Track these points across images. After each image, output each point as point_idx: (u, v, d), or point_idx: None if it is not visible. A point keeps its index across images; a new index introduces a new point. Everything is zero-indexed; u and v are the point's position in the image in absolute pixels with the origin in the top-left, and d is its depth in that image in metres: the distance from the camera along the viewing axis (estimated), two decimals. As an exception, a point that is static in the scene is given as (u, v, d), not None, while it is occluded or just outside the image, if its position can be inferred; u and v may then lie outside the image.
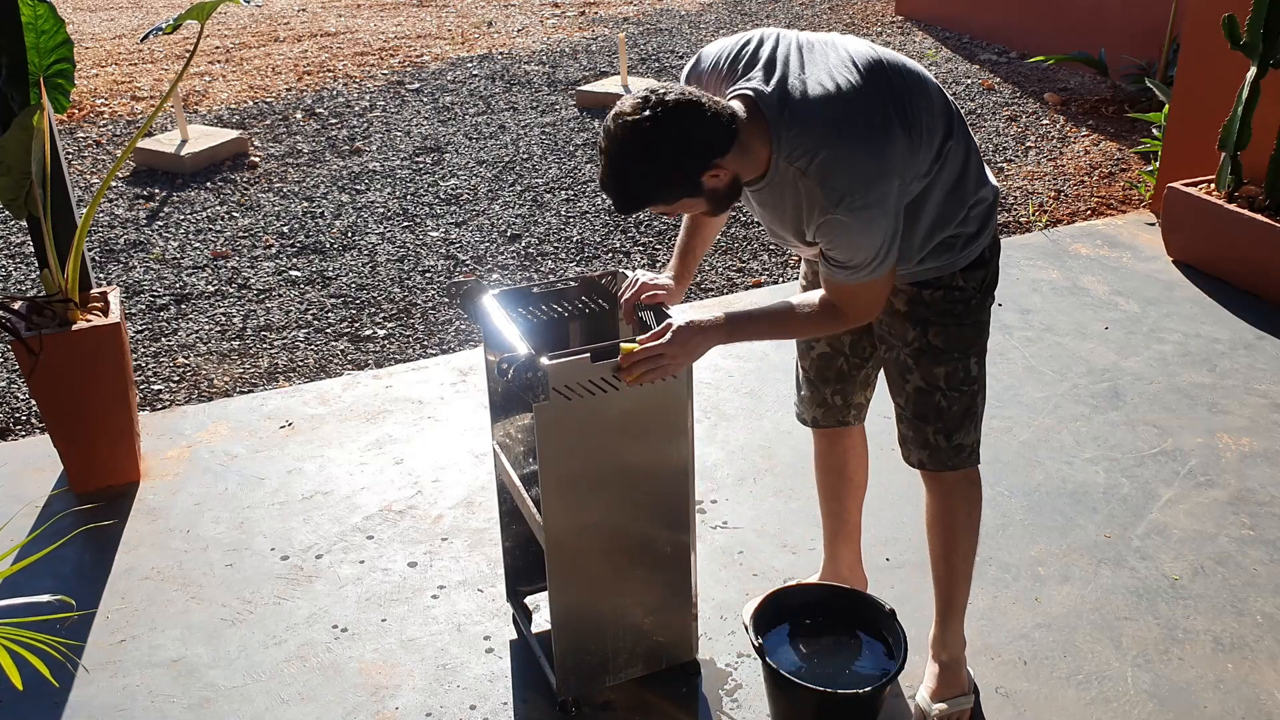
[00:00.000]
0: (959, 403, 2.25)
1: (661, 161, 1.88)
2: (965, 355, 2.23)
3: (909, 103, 2.01)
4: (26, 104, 3.09)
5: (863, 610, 2.42)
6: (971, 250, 2.17)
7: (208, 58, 8.26)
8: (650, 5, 9.78)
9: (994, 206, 2.19)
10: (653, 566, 2.41)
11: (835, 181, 1.93)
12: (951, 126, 2.09)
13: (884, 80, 2.01)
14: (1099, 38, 6.95)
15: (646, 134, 1.85)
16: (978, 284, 2.20)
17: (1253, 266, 4.32)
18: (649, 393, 2.23)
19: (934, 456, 2.30)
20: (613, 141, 1.89)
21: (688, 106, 1.86)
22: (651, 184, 1.92)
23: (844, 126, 1.94)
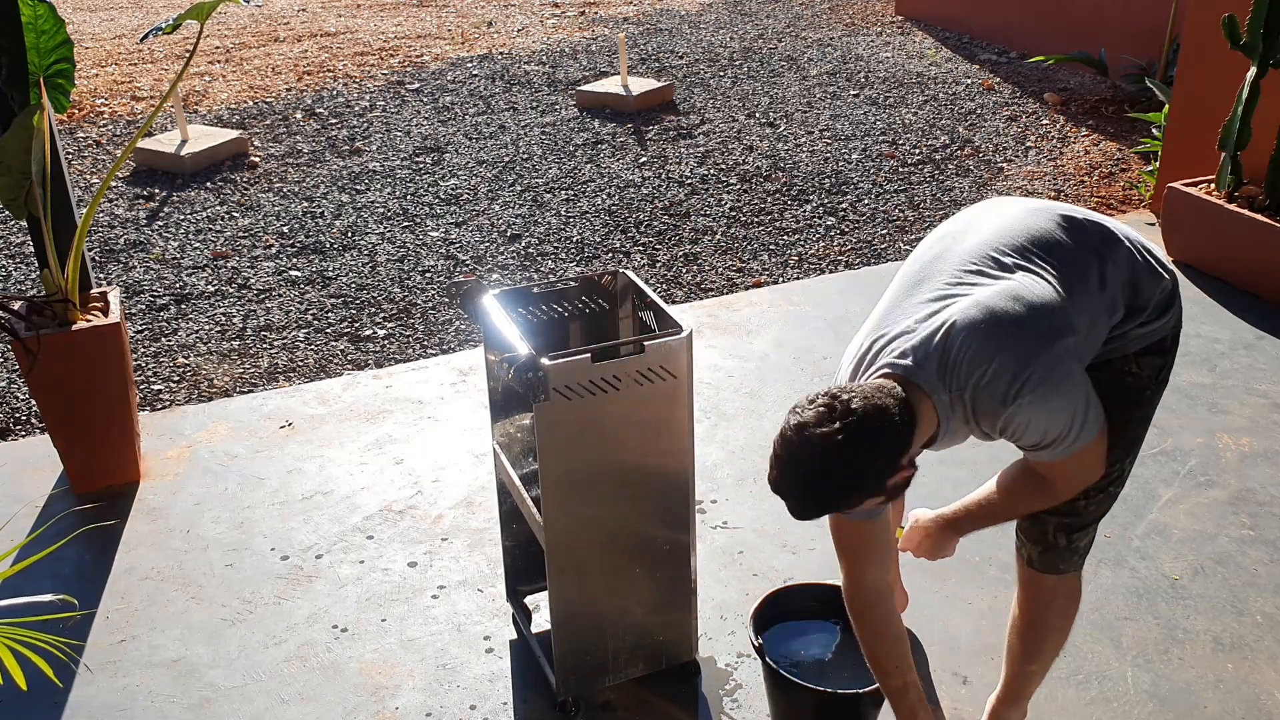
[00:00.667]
0: (1099, 505, 2.03)
1: (856, 476, 1.73)
2: (1124, 454, 1.99)
3: (1044, 264, 1.82)
4: (26, 104, 3.09)
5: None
6: (1148, 333, 1.94)
7: (208, 58, 8.26)
8: (650, 5, 9.78)
9: (1174, 296, 1.97)
10: (653, 566, 2.41)
11: (994, 383, 1.74)
12: (1103, 249, 1.89)
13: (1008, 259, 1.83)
14: (1099, 38, 6.95)
15: (838, 452, 1.70)
16: (1153, 373, 1.97)
17: (1253, 266, 4.32)
18: (649, 393, 2.23)
19: (1045, 556, 2.08)
20: (796, 458, 1.74)
21: (874, 415, 1.71)
22: (844, 496, 1.77)
23: (988, 333, 1.75)
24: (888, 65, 7.61)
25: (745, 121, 6.56)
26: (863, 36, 8.43)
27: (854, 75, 7.39)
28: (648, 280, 4.70)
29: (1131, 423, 1.99)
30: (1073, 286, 1.84)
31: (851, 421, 1.70)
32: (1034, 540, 2.10)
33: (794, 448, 1.74)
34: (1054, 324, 1.78)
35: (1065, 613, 2.18)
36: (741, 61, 7.81)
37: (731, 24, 8.96)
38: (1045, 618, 2.18)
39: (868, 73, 7.44)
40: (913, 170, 5.77)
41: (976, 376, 1.76)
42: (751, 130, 6.41)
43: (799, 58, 7.85)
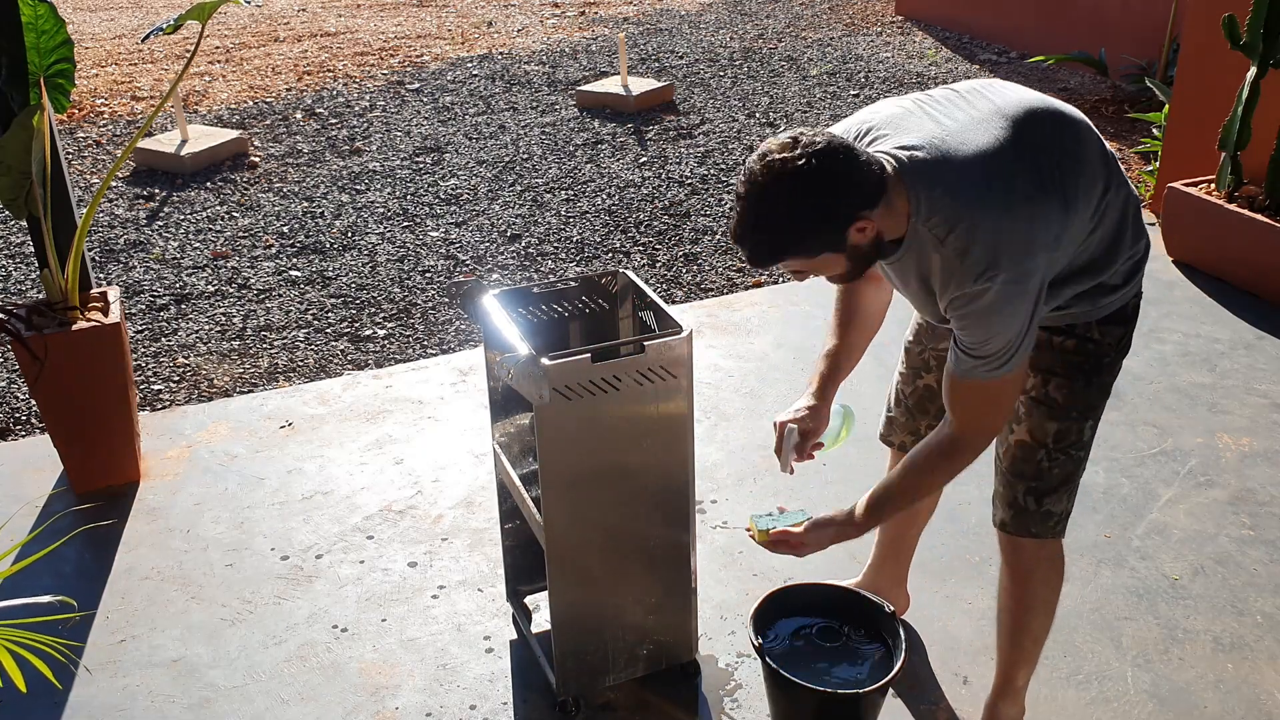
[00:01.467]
0: (1061, 466, 2.06)
1: (811, 207, 1.70)
2: (1083, 417, 2.04)
3: (1066, 163, 1.82)
4: (26, 104, 3.09)
5: (863, 610, 2.42)
6: (1112, 301, 1.97)
7: (208, 58, 8.26)
8: (650, 5, 9.78)
9: (1142, 262, 1.99)
10: (653, 566, 2.41)
11: (975, 253, 1.74)
12: (1110, 177, 1.89)
13: (1039, 137, 1.82)
14: (1099, 38, 6.95)
15: (796, 177, 1.67)
16: (1114, 341, 2.01)
17: (1253, 266, 4.32)
18: (649, 393, 2.23)
19: (1018, 519, 2.11)
20: (755, 185, 1.70)
21: (840, 150, 1.69)
22: (797, 233, 1.73)
23: (989, 192, 1.75)
24: (888, 65, 7.61)
25: (745, 121, 6.56)
26: (863, 36, 8.43)
27: (854, 75, 7.39)
28: (648, 280, 4.70)
29: (1091, 388, 2.03)
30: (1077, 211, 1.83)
31: (812, 153, 1.68)
32: (1006, 503, 2.14)
33: (752, 178, 1.71)
34: (1047, 238, 1.79)
35: (1048, 581, 2.21)
36: (741, 61, 7.81)
37: (731, 24, 8.96)
38: (1030, 587, 2.21)
39: (868, 73, 7.44)
40: (913, 170, 5.77)
41: (962, 233, 1.75)
42: (751, 130, 6.41)
43: (799, 58, 7.85)
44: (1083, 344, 2.00)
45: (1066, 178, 1.82)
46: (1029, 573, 2.19)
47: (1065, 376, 2.01)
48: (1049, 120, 1.87)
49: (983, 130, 1.81)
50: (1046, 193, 1.79)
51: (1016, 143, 1.80)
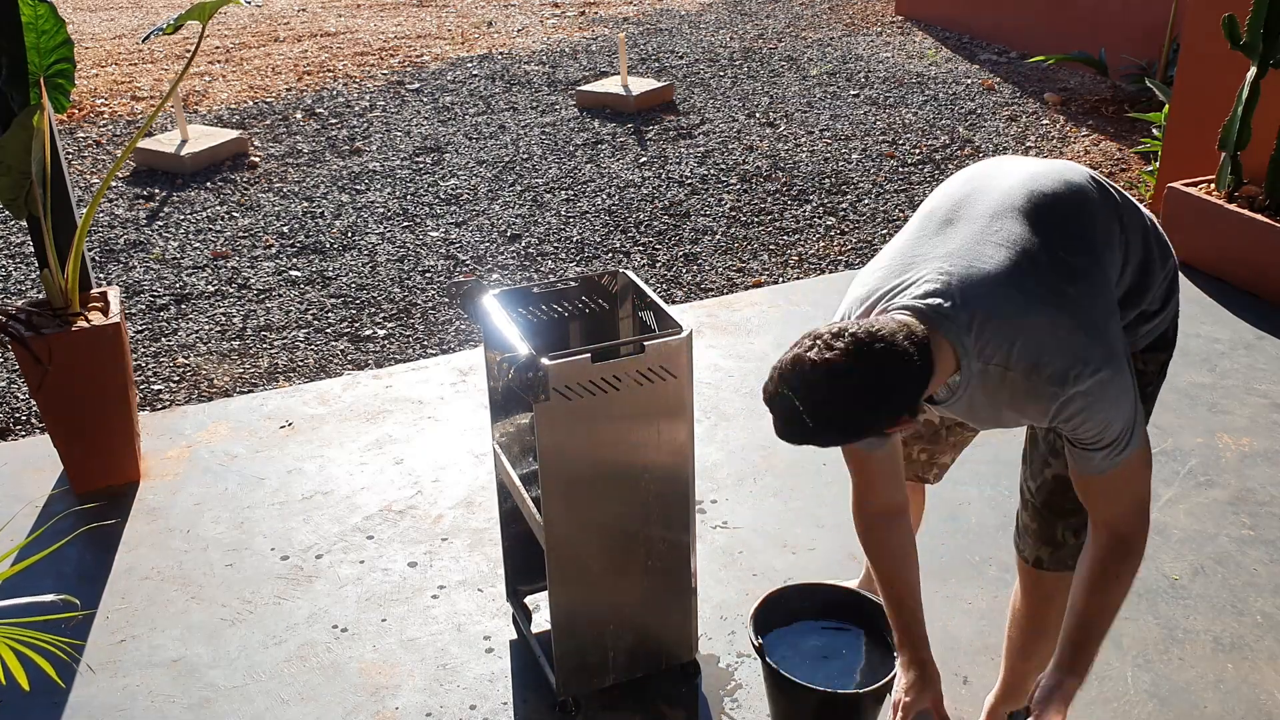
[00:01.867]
0: None
1: (858, 422, 1.63)
2: None
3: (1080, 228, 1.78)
4: (26, 104, 3.09)
5: (863, 610, 2.42)
6: (1153, 328, 1.94)
7: (208, 58, 8.26)
8: (650, 5, 9.78)
9: (1175, 282, 1.96)
10: (652, 566, 2.41)
11: (1047, 362, 1.66)
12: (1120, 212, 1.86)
13: (1044, 218, 1.76)
14: (1099, 38, 6.95)
15: (848, 394, 1.60)
16: (1158, 367, 1.98)
17: (1253, 266, 4.32)
18: (649, 393, 2.23)
19: (1056, 555, 2.07)
20: (806, 386, 1.62)
21: (894, 361, 1.59)
22: (837, 438, 1.68)
23: (1027, 299, 1.68)
24: (888, 65, 7.61)
25: (745, 121, 6.56)
26: (863, 36, 8.43)
27: (854, 75, 7.39)
28: (648, 280, 4.70)
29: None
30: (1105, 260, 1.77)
31: (871, 367, 1.59)
32: (1044, 541, 2.08)
33: (804, 377, 1.62)
34: (1108, 307, 1.72)
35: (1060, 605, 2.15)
36: (741, 61, 7.81)
37: (731, 24, 8.96)
38: (1048, 615, 2.18)
39: (868, 73, 7.44)
40: (913, 170, 5.77)
41: (1022, 353, 1.67)
42: (751, 130, 6.41)
43: (799, 58, 7.85)
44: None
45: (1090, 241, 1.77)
46: (1048, 601, 2.15)
47: None
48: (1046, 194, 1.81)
49: (989, 240, 1.74)
50: (1077, 271, 1.73)
51: (1029, 236, 1.74)
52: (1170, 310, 1.96)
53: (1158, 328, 1.95)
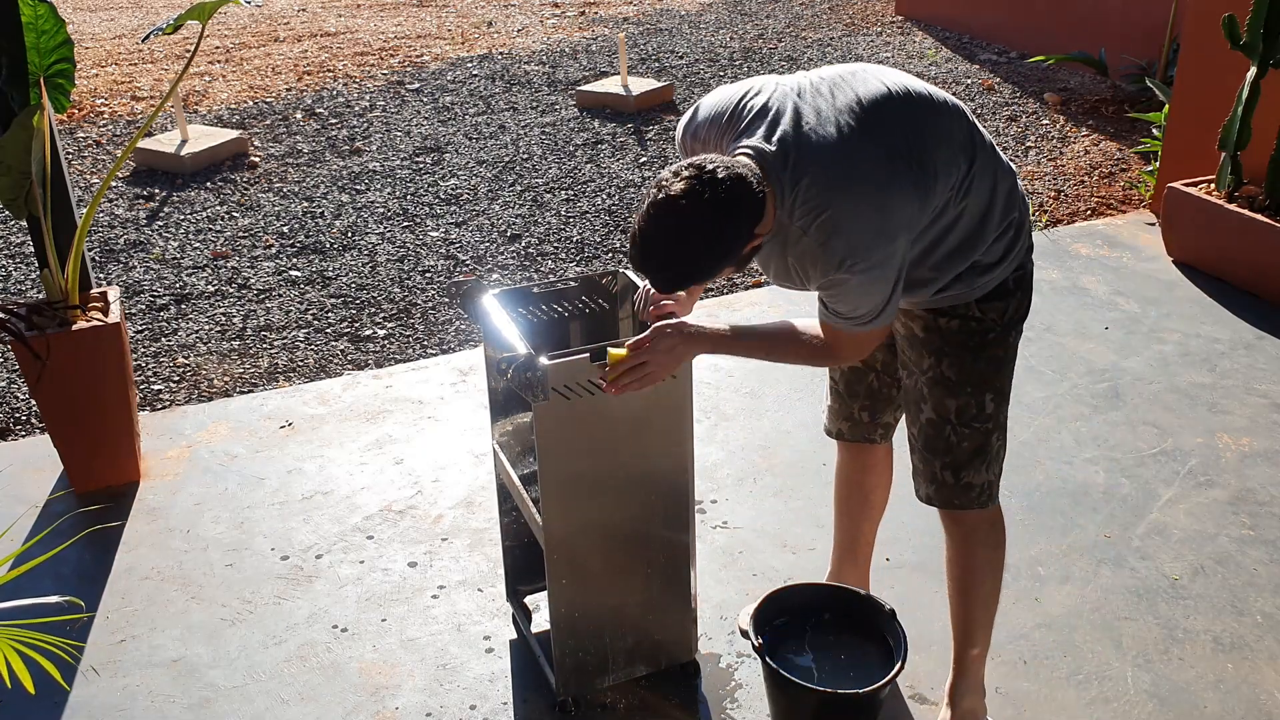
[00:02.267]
0: (969, 439, 2.16)
1: (719, 244, 1.82)
2: (980, 391, 2.13)
3: (923, 144, 1.93)
4: (26, 104, 3.09)
5: (863, 610, 2.42)
6: (988, 280, 2.07)
7: (208, 58, 8.26)
8: (650, 5, 9.78)
9: (1018, 238, 2.08)
10: (652, 566, 2.41)
11: (836, 244, 1.87)
12: (974, 155, 2.00)
13: (895, 122, 1.93)
14: (1099, 38, 6.95)
15: (700, 216, 1.78)
16: (998, 315, 2.10)
17: (1253, 266, 4.32)
18: (649, 393, 2.23)
19: (940, 493, 2.22)
20: (660, 224, 1.80)
21: (737, 182, 1.79)
22: (707, 266, 1.85)
23: (847, 183, 1.87)
24: (888, 65, 7.60)
25: (745, 121, 6.56)
26: (863, 36, 8.43)
27: (854, 75, 7.38)
28: (648, 280, 4.69)
29: (979, 363, 2.11)
30: (934, 191, 1.93)
31: (713, 192, 1.78)
32: (926, 479, 2.24)
33: (655, 217, 1.81)
34: (903, 220, 1.90)
35: (989, 542, 2.29)
36: (741, 61, 7.81)
37: (731, 24, 8.95)
38: (972, 549, 2.28)
39: (868, 73, 7.43)
40: (913, 170, 5.77)
41: (825, 224, 1.87)
42: (751, 130, 6.40)
43: (799, 58, 7.85)
44: (965, 323, 2.09)
45: (924, 157, 1.91)
46: (970, 537, 2.27)
47: (954, 355, 2.11)
48: (907, 102, 1.97)
49: (842, 120, 1.90)
50: (901, 177, 1.89)
51: (873, 129, 1.91)
52: (1007, 264, 2.07)
53: (993, 280, 2.07)
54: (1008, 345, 2.14)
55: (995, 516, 2.28)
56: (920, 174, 1.91)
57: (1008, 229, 2.06)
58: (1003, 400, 2.17)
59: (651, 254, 1.84)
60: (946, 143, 1.97)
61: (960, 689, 2.37)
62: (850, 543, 2.65)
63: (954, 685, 2.39)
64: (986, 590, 2.31)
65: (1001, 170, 2.06)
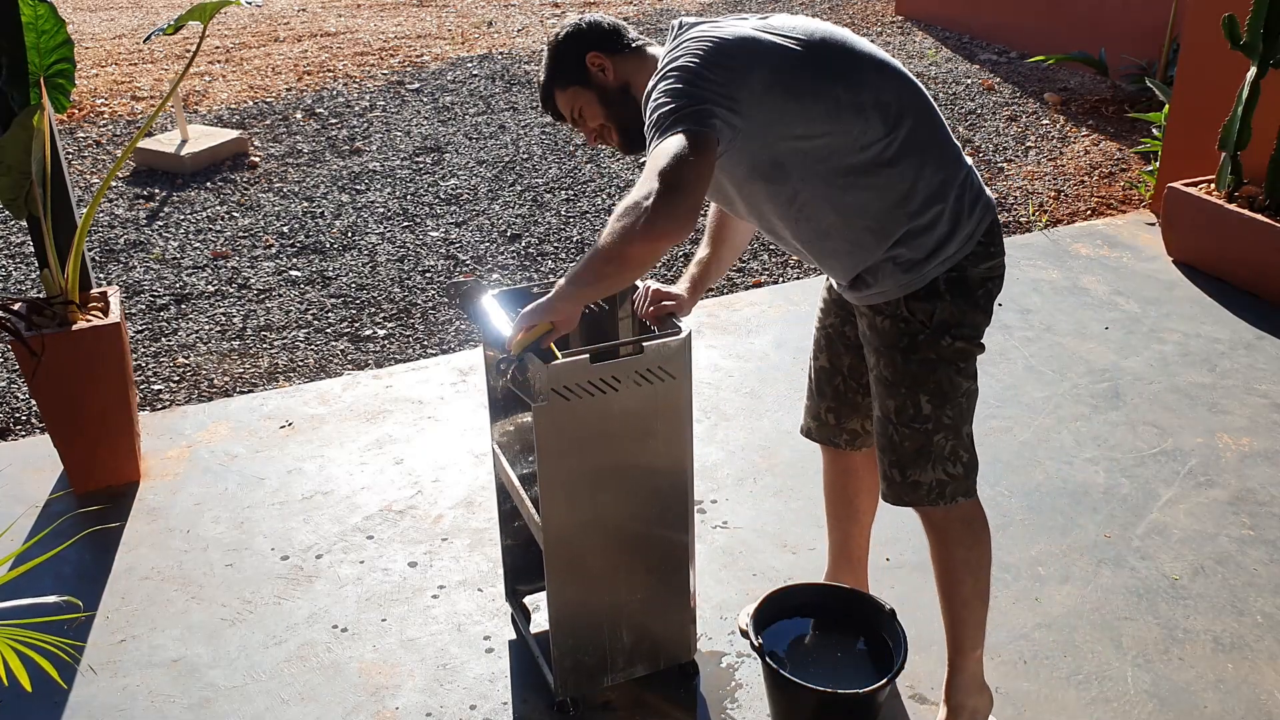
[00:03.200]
0: (910, 439, 2.15)
1: (555, 54, 2.17)
2: (913, 391, 2.11)
3: (845, 66, 1.98)
4: (26, 104, 3.09)
5: (863, 610, 2.42)
6: (915, 277, 2.04)
7: (208, 58, 8.26)
8: (650, 5, 9.78)
9: (951, 236, 2.04)
10: (652, 566, 2.41)
11: (687, 30, 2.01)
12: (898, 124, 1.97)
13: (821, 50, 1.98)
14: (1099, 38, 6.95)
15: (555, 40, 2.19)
16: (925, 317, 2.06)
17: (1253, 266, 4.32)
18: (648, 394, 2.23)
19: (891, 489, 2.23)
20: None
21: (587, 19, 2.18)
22: (549, 73, 2.18)
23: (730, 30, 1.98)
24: (888, 65, 7.60)
25: (745, 121, 6.56)
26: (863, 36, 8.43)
27: (854, 75, 7.38)
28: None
29: (910, 364, 2.11)
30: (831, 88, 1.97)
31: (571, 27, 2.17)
32: (882, 477, 2.25)
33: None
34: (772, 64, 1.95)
35: (963, 541, 2.26)
36: (741, 61, 7.81)
37: (731, 24, 8.95)
38: (947, 549, 2.27)
39: (868, 73, 7.43)
40: (913, 170, 5.77)
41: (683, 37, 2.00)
42: (751, 130, 6.40)
43: (799, 58, 7.84)
44: (895, 323, 2.10)
45: (837, 69, 1.97)
46: (943, 535, 2.27)
47: (888, 355, 2.13)
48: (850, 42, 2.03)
49: (762, 27, 2.00)
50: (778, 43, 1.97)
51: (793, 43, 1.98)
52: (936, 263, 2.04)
53: (923, 278, 2.05)
54: (940, 349, 2.08)
55: (969, 514, 2.25)
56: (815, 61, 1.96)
57: (935, 223, 2.02)
58: (944, 402, 2.12)
59: None
60: (870, 89, 1.98)
61: (955, 687, 2.37)
62: (842, 546, 2.65)
63: (949, 684, 2.39)
64: (968, 590, 2.29)
65: (937, 160, 2.02)
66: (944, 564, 2.29)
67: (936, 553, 2.29)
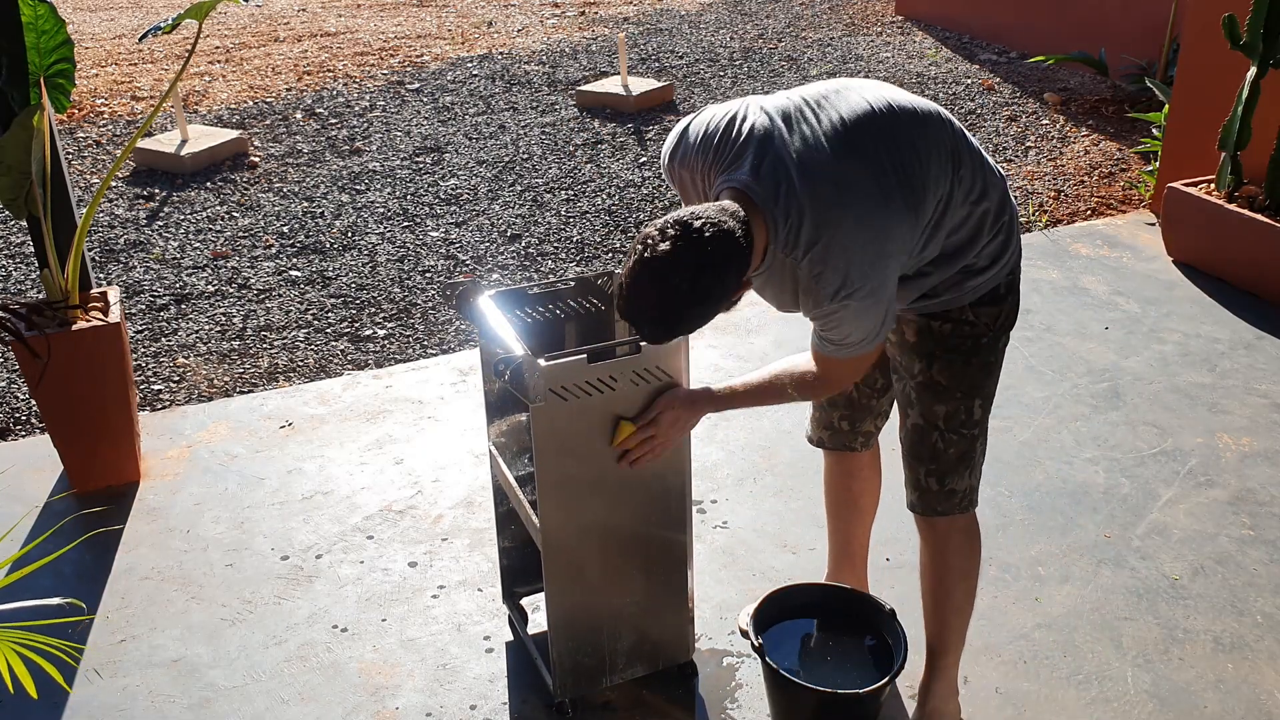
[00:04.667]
0: (956, 446, 2.16)
1: (706, 301, 1.84)
2: (969, 396, 2.13)
3: (910, 158, 1.92)
4: (26, 104, 3.09)
5: (863, 610, 2.42)
6: (981, 284, 2.07)
7: (208, 58, 8.26)
8: (650, 5, 9.78)
9: (1009, 243, 2.09)
10: (649, 567, 2.41)
11: (830, 276, 1.87)
12: (961, 161, 2.00)
13: (881, 139, 1.92)
14: (1099, 38, 6.95)
15: (685, 277, 1.79)
16: (990, 320, 2.10)
17: (1253, 266, 4.32)
18: (646, 393, 2.23)
19: (923, 499, 2.22)
20: (647, 283, 1.81)
21: (722, 239, 1.79)
22: (694, 321, 1.87)
23: (838, 213, 1.86)
24: (888, 65, 7.61)
25: (745, 121, 6.55)
26: (863, 36, 8.43)
27: (854, 75, 7.39)
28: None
29: (970, 367, 2.12)
30: (925, 206, 1.94)
31: (700, 251, 1.78)
32: (911, 486, 2.24)
33: (641, 274, 1.81)
34: (894, 248, 1.90)
35: (963, 550, 2.27)
36: (741, 61, 7.81)
37: (731, 24, 8.95)
38: (946, 559, 2.28)
39: (868, 73, 7.43)
40: (913, 170, 5.77)
41: (815, 258, 1.87)
42: (751, 130, 6.40)
43: (799, 58, 7.85)
44: (958, 326, 2.09)
45: (911, 171, 1.91)
46: (943, 545, 2.26)
47: (945, 359, 2.11)
48: (890, 117, 1.95)
49: (827, 144, 1.89)
50: (892, 197, 1.88)
51: (859, 150, 1.90)
52: (999, 268, 2.08)
53: (986, 284, 2.07)
54: (998, 351, 2.15)
55: (970, 526, 2.27)
56: (909, 191, 1.90)
57: (998, 233, 2.06)
58: (989, 406, 2.18)
59: (640, 312, 1.86)
60: (934, 152, 1.96)
61: (933, 692, 2.38)
62: (843, 547, 2.65)
63: (928, 688, 2.40)
64: (959, 599, 2.31)
65: (991, 176, 2.05)
66: (939, 572, 2.29)
67: (933, 561, 2.29)
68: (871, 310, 1.90)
